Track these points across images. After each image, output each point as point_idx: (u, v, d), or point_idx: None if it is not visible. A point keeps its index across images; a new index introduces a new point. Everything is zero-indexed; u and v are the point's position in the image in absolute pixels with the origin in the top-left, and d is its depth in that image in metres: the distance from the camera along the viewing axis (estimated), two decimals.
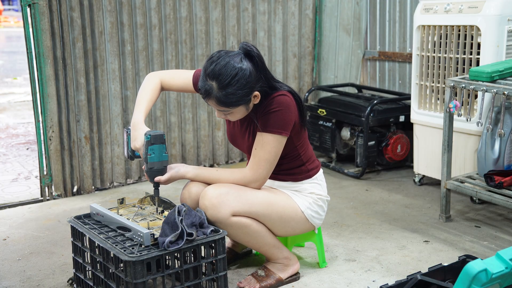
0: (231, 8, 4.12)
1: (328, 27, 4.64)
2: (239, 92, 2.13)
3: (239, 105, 2.17)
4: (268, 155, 2.24)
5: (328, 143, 4.21)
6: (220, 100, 2.15)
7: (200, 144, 4.18)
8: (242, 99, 2.16)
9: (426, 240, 2.89)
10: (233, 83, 2.12)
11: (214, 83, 2.13)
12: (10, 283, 2.51)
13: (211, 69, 2.14)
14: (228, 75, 2.11)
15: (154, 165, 2.25)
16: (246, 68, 2.13)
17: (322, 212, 2.47)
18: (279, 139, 2.23)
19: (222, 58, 2.14)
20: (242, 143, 2.42)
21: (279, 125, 2.21)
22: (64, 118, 3.54)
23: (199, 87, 2.19)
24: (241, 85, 2.13)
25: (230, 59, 2.13)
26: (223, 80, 2.12)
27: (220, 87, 2.13)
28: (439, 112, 3.46)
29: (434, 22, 3.38)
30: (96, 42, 3.59)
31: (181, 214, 2.12)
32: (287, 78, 4.50)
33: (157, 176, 2.27)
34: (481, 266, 1.71)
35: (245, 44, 2.18)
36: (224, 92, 2.13)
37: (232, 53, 2.17)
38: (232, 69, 2.12)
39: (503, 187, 2.90)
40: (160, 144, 2.24)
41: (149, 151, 2.23)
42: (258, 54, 2.18)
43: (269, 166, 2.26)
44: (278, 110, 2.21)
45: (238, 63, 2.13)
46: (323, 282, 2.46)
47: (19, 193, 3.79)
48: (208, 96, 2.16)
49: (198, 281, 2.15)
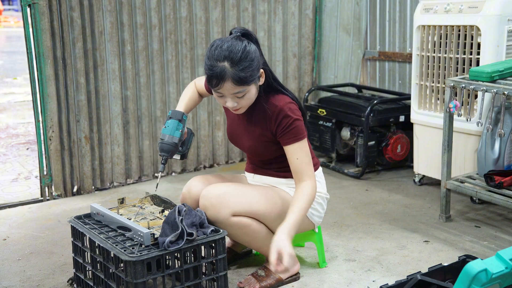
0: (231, 8, 4.12)
1: (328, 27, 4.64)
2: (252, 65, 2.14)
3: (253, 80, 2.17)
4: (308, 158, 2.28)
5: (328, 143, 4.21)
6: (238, 76, 2.11)
7: (200, 144, 4.18)
8: (255, 73, 2.16)
9: (426, 240, 2.89)
10: (244, 57, 2.11)
11: (226, 63, 2.11)
12: (10, 283, 2.51)
13: (218, 52, 2.12)
14: (238, 50, 2.11)
15: (165, 137, 2.28)
16: (250, 43, 2.16)
17: (322, 209, 2.47)
18: (305, 142, 2.29)
19: (224, 41, 2.15)
20: (243, 141, 2.42)
21: (300, 132, 2.27)
22: (64, 118, 3.54)
23: (210, 75, 2.12)
24: (252, 58, 2.14)
25: (232, 40, 2.15)
26: (235, 57, 2.11)
27: (234, 64, 2.11)
28: (439, 112, 3.46)
29: (434, 22, 3.38)
30: (96, 42, 3.59)
31: (181, 214, 2.12)
32: (287, 78, 4.50)
33: (165, 149, 2.28)
34: (481, 266, 1.71)
35: (238, 27, 2.24)
36: (239, 68, 2.11)
37: (230, 36, 2.20)
38: (239, 45, 2.13)
39: (503, 187, 2.90)
40: (176, 120, 2.30)
41: (166, 124, 2.30)
42: (255, 37, 2.23)
43: (311, 163, 2.30)
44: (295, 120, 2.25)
45: (241, 40, 2.15)
46: (323, 282, 2.46)
47: (19, 193, 3.79)
48: (223, 78, 2.11)
49: (198, 281, 2.15)
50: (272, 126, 2.27)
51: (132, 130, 3.85)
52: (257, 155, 2.44)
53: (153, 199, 2.52)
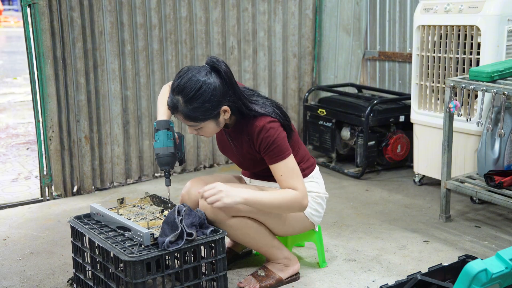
0: (231, 8, 4.12)
1: (328, 27, 4.64)
2: (204, 106, 2.12)
3: (206, 119, 2.16)
4: (294, 173, 2.23)
5: (328, 143, 4.20)
6: (186, 114, 2.14)
7: (200, 144, 4.18)
8: (208, 113, 2.14)
9: (426, 240, 2.89)
10: (197, 96, 2.10)
11: (180, 98, 2.13)
12: (10, 283, 2.51)
13: (177, 84, 2.13)
14: (192, 88, 2.10)
15: (160, 151, 2.25)
16: (210, 82, 2.12)
17: (321, 209, 2.47)
18: (290, 158, 2.23)
19: (187, 72, 2.14)
20: (233, 157, 2.45)
21: (283, 150, 2.21)
22: (64, 118, 3.54)
23: (168, 103, 2.18)
24: (205, 99, 2.11)
25: (195, 73, 2.12)
26: (187, 94, 2.11)
27: (185, 101, 2.12)
28: (439, 112, 3.45)
29: (434, 22, 3.38)
30: (96, 42, 3.59)
31: (181, 214, 2.12)
32: (287, 78, 4.50)
33: (164, 162, 2.26)
34: (481, 266, 1.71)
35: (213, 58, 2.17)
36: (190, 107, 2.12)
37: (199, 67, 2.16)
38: (196, 82, 2.10)
39: (503, 187, 2.90)
40: (164, 130, 2.25)
41: (155, 137, 2.25)
42: (226, 69, 2.16)
43: (301, 179, 2.24)
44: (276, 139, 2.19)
45: (203, 77, 2.12)
46: (323, 282, 2.46)
47: (19, 193, 3.79)
48: (175, 111, 2.16)
49: (198, 281, 2.15)
50: (255, 145, 2.26)
51: (132, 130, 3.85)
52: (247, 169, 2.48)
53: (152, 199, 2.52)
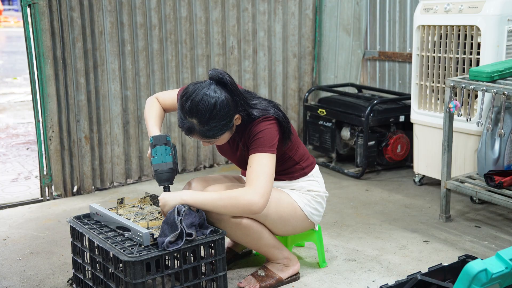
0: (231, 8, 4.12)
1: (328, 27, 4.64)
2: (221, 123, 2.13)
3: (223, 133, 2.18)
4: (262, 171, 2.17)
5: (328, 143, 4.20)
6: (205, 134, 2.15)
7: (200, 144, 4.18)
8: (225, 128, 2.15)
9: (426, 240, 2.89)
10: (213, 116, 2.10)
11: (195, 120, 2.11)
12: (10, 283, 2.51)
13: (189, 106, 2.10)
14: (207, 109, 2.08)
15: (158, 167, 2.22)
16: (222, 98, 2.11)
17: (321, 208, 2.47)
18: (268, 156, 2.19)
19: (196, 92, 2.10)
20: (232, 158, 2.46)
21: (264, 144, 2.19)
22: (64, 118, 3.54)
23: (179, 126, 2.16)
24: (222, 116, 2.11)
25: (204, 91, 2.10)
26: (203, 116, 2.09)
27: (202, 123, 2.11)
28: (439, 112, 3.45)
29: (434, 22, 3.37)
30: (96, 42, 3.59)
31: (180, 214, 2.11)
32: (287, 78, 4.50)
33: (164, 178, 2.23)
34: (481, 266, 1.70)
35: (216, 71, 2.15)
36: (207, 127, 2.12)
37: (205, 84, 2.13)
38: (208, 102, 2.08)
39: (503, 187, 2.90)
40: (162, 145, 2.21)
41: (153, 153, 2.21)
42: (231, 80, 2.15)
43: (267, 179, 2.17)
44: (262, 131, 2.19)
45: (213, 93, 2.10)
46: (323, 282, 2.46)
47: (19, 193, 3.79)
48: (192, 133, 2.15)
49: (197, 281, 2.15)
50: (248, 142, 2.25)
51: (132, 130, 3.85)
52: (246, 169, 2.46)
53: (152, 200, 2.52)
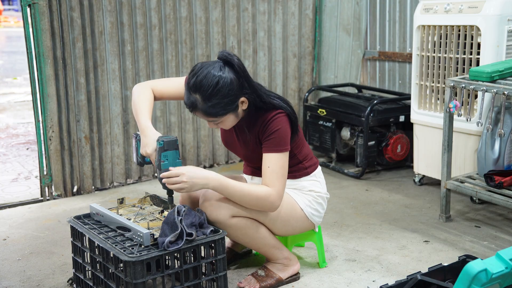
0: (231, 8, 4.12)
1: (328, 27, 4.64)
2: (223, 101, 2.14)
3: (226, 113, 2.18)
4: (281, 171, 2.23)
5: (328, 143, 4.20)
6: (206, 111, 2.16)
7: (200, 144, 4.18)
8: (227, 107, 2.16)
9: (426, 240, 2.89)
10: (215, 93, 2.12)
11: (198, 96, 2.14)
12: (10, 283, 2.51)
13: (193, 82, 2.14)
14: (210, 85, 2.11)
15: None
16: (226, 76, 2.13)
17: (322, 209, 2.47)
18: (285, 155, 2.25)
19: (202, 69, 2.14)
20: (238, 150, 2.45)
21: (281, 143, 2.22)
22: (64, 118, 3.54)
23: (185, 102, 2.19)
24: (224, 94, 2.13)
25: (209, 69, 2.13)
26: (205, 91, 2.12)
27: (204, 99, 2.13)
28: (439, 112, 3.45)
29: (434, 22, 3.38)
30: (96, 42, 3.59)
31: (180, 214, 2.12)
32: (287, 78, 4.50)
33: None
34: (481, 266, 1.70)
35: (225, 52, 2.18)
36: (209, 104, 2.13)
37: (212, 62, 2.17)
38: (212, 78, 2.11)
39: (503, 187, 2.90)
40: (173, 150, 2.18)
41: (162, 157, 2.16)
42: (239, 62, 2.17)
43: (284, 181, 2.25)
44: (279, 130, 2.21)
45: (218, 71, 2.13)
46: (323, 282, 2.46)
47: (19, 193, 3.79)
48: (194, 109, 2.17)
49: (198, 281, 2.15)
50: (261, 136, 2.26)
51: (132, 130, 3.85)
52: (252, 163, 2.46)
53: (152, 200, 2.52)
